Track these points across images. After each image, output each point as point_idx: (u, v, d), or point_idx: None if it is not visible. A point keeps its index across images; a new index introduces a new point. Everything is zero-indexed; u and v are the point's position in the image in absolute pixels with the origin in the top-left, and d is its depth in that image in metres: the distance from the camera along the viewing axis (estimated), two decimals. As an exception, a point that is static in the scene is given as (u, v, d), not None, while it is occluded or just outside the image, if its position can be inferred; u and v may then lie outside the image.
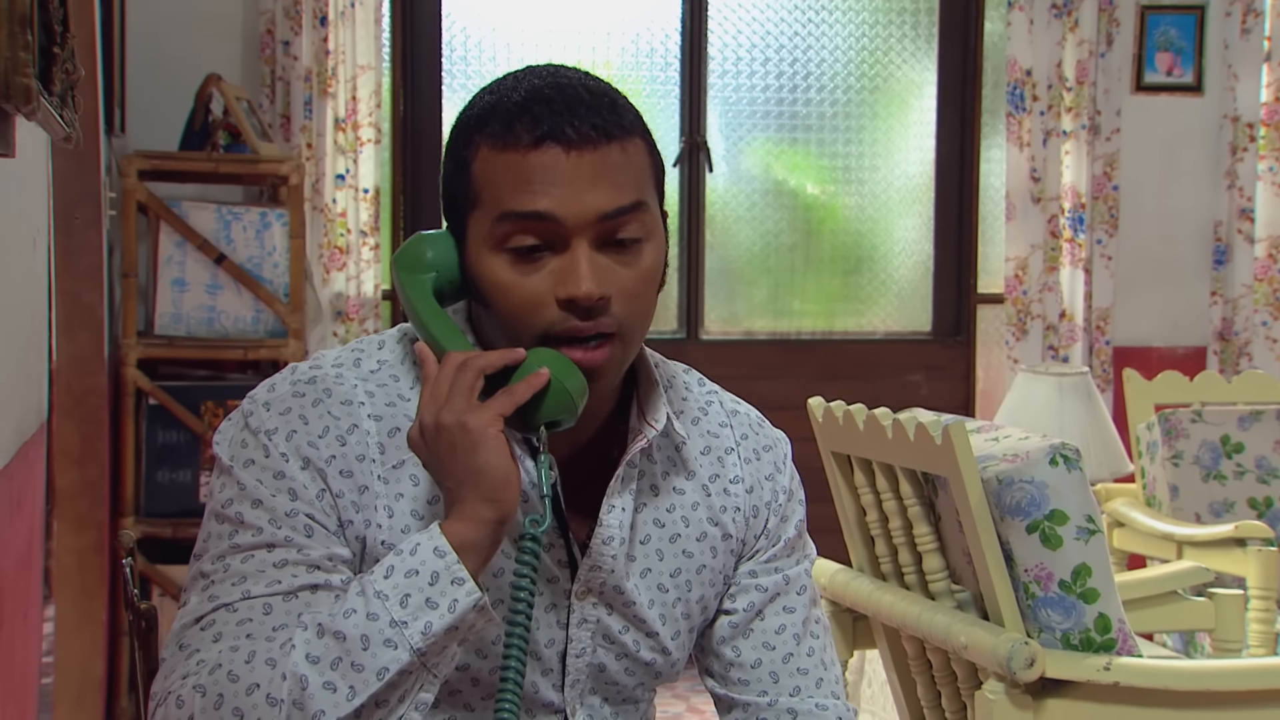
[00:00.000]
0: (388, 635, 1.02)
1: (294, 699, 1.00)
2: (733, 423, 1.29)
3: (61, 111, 1.25)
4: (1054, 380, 3.12)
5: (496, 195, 1.11)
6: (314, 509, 1.10)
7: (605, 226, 1.11)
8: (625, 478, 1.19)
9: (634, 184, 1.13)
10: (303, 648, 1.02)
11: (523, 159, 1.10)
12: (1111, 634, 1.89)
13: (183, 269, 3.29)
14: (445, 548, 1.04)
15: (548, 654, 1.19)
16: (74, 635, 2.93)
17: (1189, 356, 4.25)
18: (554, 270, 1.11)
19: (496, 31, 3.93)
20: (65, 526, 2.91)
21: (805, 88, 4.10)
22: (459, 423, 1.07)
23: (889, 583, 2.14)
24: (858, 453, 2.13)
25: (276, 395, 1.14)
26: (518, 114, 1.11)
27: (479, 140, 1.13)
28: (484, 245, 1.12)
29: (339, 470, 1.11)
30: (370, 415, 1.14)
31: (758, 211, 4.12)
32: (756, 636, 1.26)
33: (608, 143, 1.11)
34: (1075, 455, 1.90)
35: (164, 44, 3.63)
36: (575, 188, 1.10)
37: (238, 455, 1.12)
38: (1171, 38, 4.18)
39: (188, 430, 3.26)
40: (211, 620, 1.07)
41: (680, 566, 1.23)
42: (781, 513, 1.29)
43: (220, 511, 1.11)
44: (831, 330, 4.17)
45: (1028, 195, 4.04)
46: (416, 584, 1.03)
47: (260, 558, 1.08)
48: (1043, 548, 1.88)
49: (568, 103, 1.11)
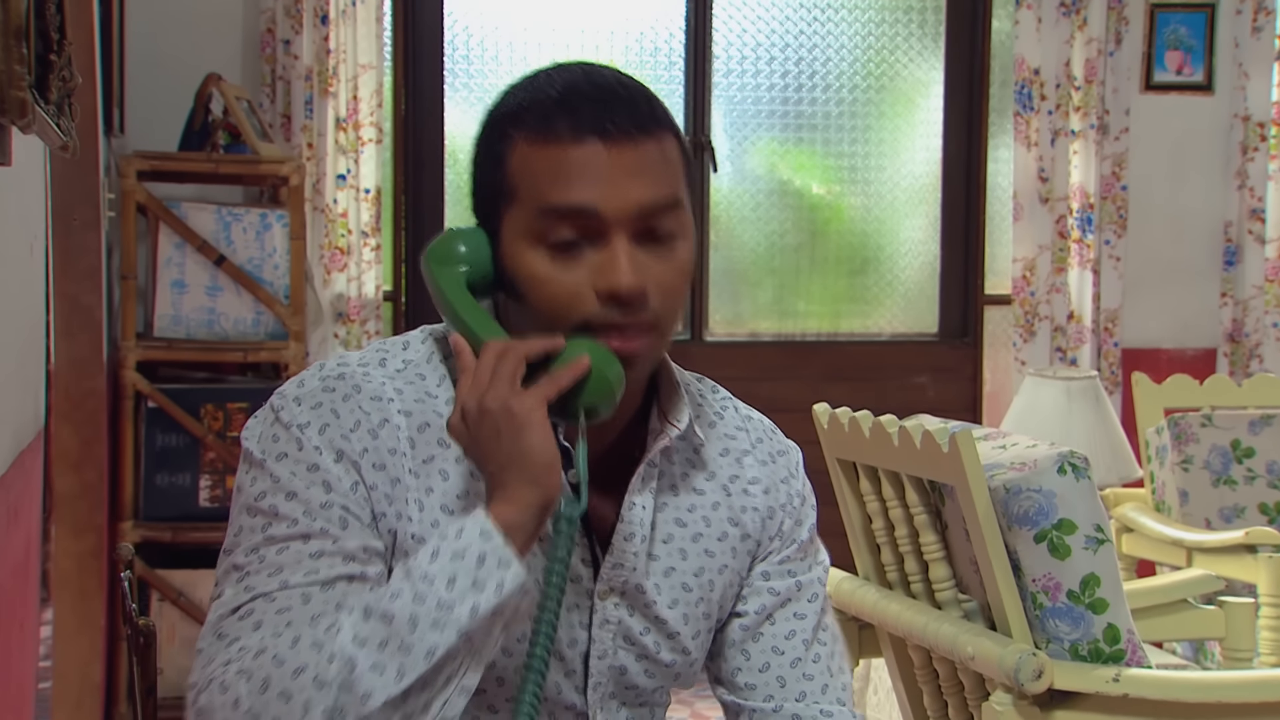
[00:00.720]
0: (435, 617, 1.02)
1: (342, 680, 1.00)
2: (748, 427, 1.32)
3: (58, 120, 1.24)
4: (1062, 384, 3.11)
5: (535, 190, 1.12)
6: (349, 501, 1.11)
7: (644, 221, 1.12)
8: (646, 476, 1.21)
9: (670, 180, 1.15)
10: (350, 629, 1.02)
11: (563, 153, 1.11)
12: (1120, 645, 1.88)
13: (182, 270, 3.29)
14: (491, 530, 1.05)
15: (570, 655, 1.20)
16: (72, 640, 2.93)
17: (1198, 358, 4.24)
18: (593, 264, 1.12)
19: (499, 30, 3.93)
20: (64, 530, 2.91)
21: (810, 87, 4.09)
22: (504, 407, 1.08)
23: (895, 591, 2.14)
24: (863, 460, 2.12)
25: (306, 390, 1.15)
26: (556, 108, 1.12)
27: (515, 135, 1.14)
28: (522, 239, 1.13)
29: (372, 463, 1.12)
30: (400, 410, 1.15)
31: (762, 212, 4.11)
32: (765, 641, 1.27)
33: (646, 137, 1.13)
34: (1083, 464, 1.89)
35: (163, 43, 3.62)
36: (615, 182, 1.11)
37: (269, 449, 1.13)
38: (1181, 36, 4.17)
39: (187, 433, 3.25)
40: (250, 609, 1.07)
41: (704, 566, 1.25)
42: (796, 516, 1.31)
43: (253, 505, 1.12)
44: (837, 332, 4.16)
45: (1035, 195, 4.03)
46: (463, 566, 1.04)
47: (296, 549, 1.09)
48: (1051, 557, 1.88)
49: (605, 98, 1.12)
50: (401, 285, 3.86)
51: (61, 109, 1.25)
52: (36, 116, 1.08)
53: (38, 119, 1.10)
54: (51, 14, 1.26)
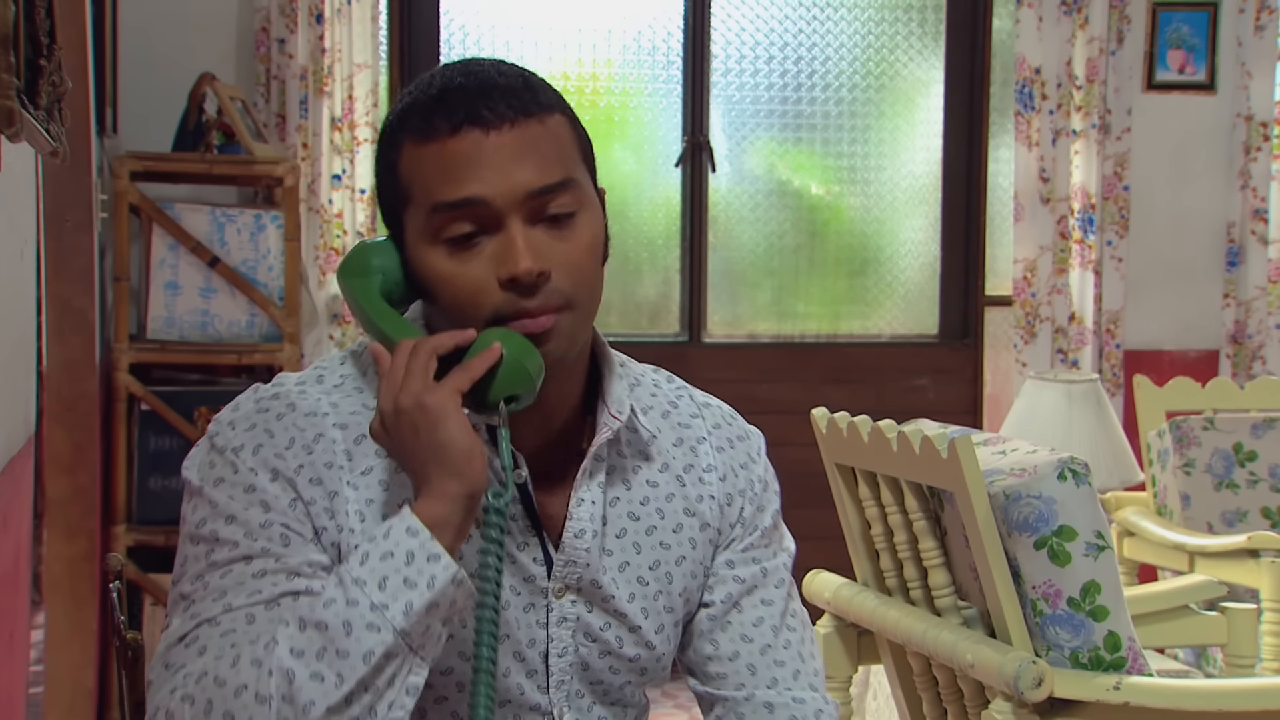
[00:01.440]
0: (369, 619, 1.03)
1: (283, 693, 1.01)
2: (704, 414, 1.32)
3: (48, 125, 1.24)
4: (1063, 388, 3.11)
5: (425, 188, 1.14)
6: (288, 518, 1.12)
7: (536, 203, 1.13)
8: (592, 471, 1.22)
9: (559, 159, 1.15)
10: (286, 643, 1.03)
11: (443, 148, 1.13)
12: (1121, 652, 1.88)
13: (176, 272, 3.28)
14: (417, 526, 1.06)
15: (530, 654, 1.20)
16: (64, 646, 2.92)
17: (1201, 360, 4.24)
18: (492, 254, 1.13)
19: (495, 29, 3.92)
20: (56, 534, 2.91)
21: (810, 86, 4.09)
22: (417, 403, 1.09)
23: (894, 598, 2.14)
24: (862, 465, 2.12)
25: (240, 414, 1.16)
26: (434, 106, 1.14)
27: (402, 138, 1.16)
28: (421, 240, 1.15)
29: (308, 479, 1.13)
30: (335, 424, 1.16)
31: (761, 212, 4.11)
32: (734, 629, 1.28)
33: (525, 119, 1.14)
34: (1084, 470, 1.89)
35: (157, 42, 3.62)
36: (499, 168, 1.12)
37: (206, 476, 1.14)
38: (1184, 35, 4.17)
39: (180, 436, 3.25)
40: (195, 636, 1.08)
41: (659, 559, 1.25)
42: (757, 501, 1.31)
43: (195, 533, 1.13)
44: (836, 333, 4.16)
45: (1036, 196, 4.03)
46: (393, 565, 1.04)
47: (239, 571, 1.10)
48: (1051, 564, 1.88)
49: (481, 87, 1.14)
50: (397, 286, 3.86)
51: (51, 114, 1.25)
52: (25, 124, 1.08)
53: (26, 126, 1.10)
54: (41, 18, 1.26)
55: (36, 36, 1.23)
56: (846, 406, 2.86)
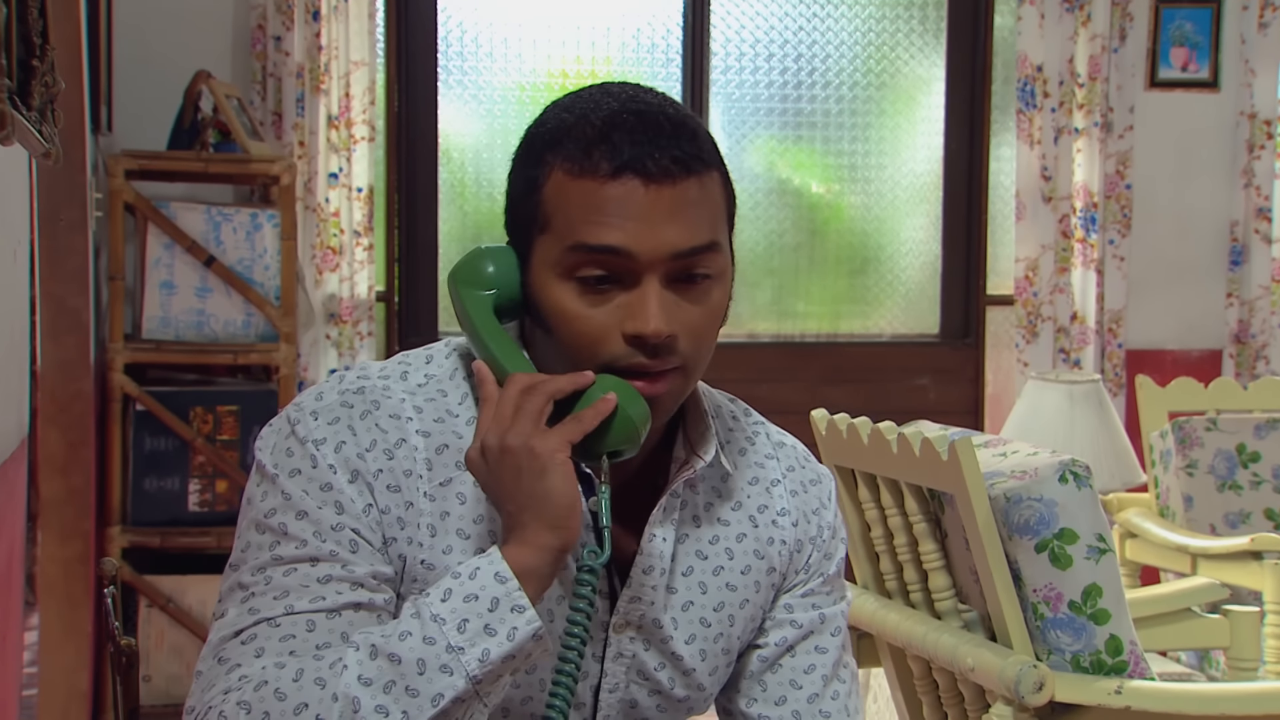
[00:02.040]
0: (444, 661, 1.01)
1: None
2: (779, 454, 1.29)
3: (41, 127, 1.24)
4: (1064, 388, 3.11)
5: (568, 223, 1.10)
6: (360, 524, 1.10)
7: (678, 265, 1.11)
8: (668, 507, 1.19)
9: (709, 222, 1.13)
10: (355, 669, 1.01)
11: (599, 188, 1.09)
12: (1123, 656, 1.88)
13: (171, 271, 3.28)
14: (507, 574, 1.04)
15: (581, 687, 1.18)
16: (58, 648, 2.92)
17: (1204, 360, 4.24)
18: (622, 305, 1.10)
19: (494, 27, 3.92)
20: (50, 536, 2.91)
21: (810, 84, 4.08)
22: (526, 446, 1.06)
23: (894, 600, 2.14)
24: (862, 467, 2.12)
25: (324, 404, 1.14)
26: (596, 140, 1.10)
27: (552, 161, 1.12)
28: (551, 270, 1.12)
29: (386, 485, 1.11)
30: (418, 431, 1.13)
31: (761, 211, 4.11)
32: (784, 673, 1.25)
33: (687, 177, 1.11)
34: (1085, 472, 1.89)
35: (152, 40, 3.62)
36: (651, 223, 1.09)
37: (283, 464, 1.12)
38: (1187, 32, 4.16)
39: (176, 437, 3.25)
40: (253, 634, 1.06)
41: (724, 600, 1.22)
42: (825, 549, 1.29)
43: (262, 521, 1.10)
44: (837, 333, 4.16)
45: (1038, 194, 4.03)
46: (475, 609, 1.03)
47: (304, 571, 1.08)
48: (1052, 567, 1.88)
49: (648, 132, 1.10)
50: (395, 285, 3.86)
51: (44, 115, 1.25)
52: (17, 126, 1.08)
53: (18, 128, 1.10)
54: (34, 18, 1.26)
55: (29, 36, 1.23)
56: (847, 407, 2.86)
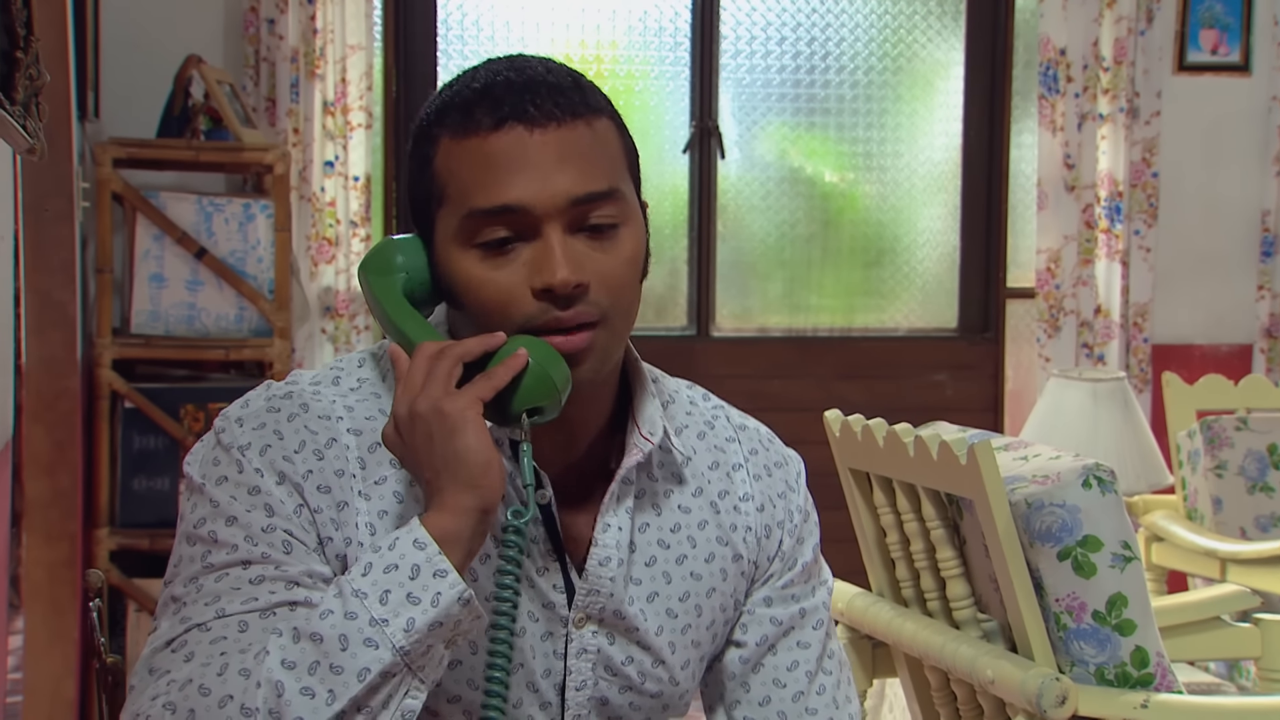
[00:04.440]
0: (368, 634, 1.02)
1: (270, 707, 1.00)
2: (740, 437, 1.30)
3: (25, 121, 1.23)
4: (1088, 386, 3.10)
5: (461, 190, 1.12)
6: (291, 525, 1.10)
7: (577, 211, 1.12)
8: (620, 495, 1.19)
9: (606, 167, 1.14)
10: (278, 653, 1.01)
11: (484, 143, 1.11)
12: (1149, 668, 1.87)
13: (161, 264, 3.28)
14: (425, 539, 1.04)
15: (545, 685, 1.18)
16: (44, 654, 2.92)
17: (1233, 355, 4.23)
18: (527, 260, 1.12)
19: (495, 9, 3.92)
20: (35, 539, 2.91)
21: (824, 69, 4.08)
22: (435, 408, 1.07)
23: (910, 609, 2.13)
24: (877, 470, 2.11)
25: (250, 411, 1.15)
26: (477, 100, 1.13)
27: (439, 134, 1.14)
28: (452, 243, 1.13)
29: (316, 485, 1.11)
30: (350, 429, 1.14)
31: (773, 201, 4.10)
32: (766, 672, 1.26)
33: (573, 120, 1.12)
34: (1110, 477, 1.88)
35: (141, 23, 3.61)
36: (542, 170, 1.10)
37: (209, 473, 1.13)
38: (1217, 14, 4.15)
39: (166, 435, 3.25)
40: (184, 641, 1.07)
41: (689, 590, 1.23)
42: (797, 534, 1.29)
43: (192, 533, 1.11)
44: (851, 327, 4.15)
45: (1061, 183, 4.02)
46: (396, 579, 1.03)
47: (235, 575, 1.08)
48: (1075, 576, 1.87)
49: (528, 83, 1.12)
50: (392, 278, 3.85)
51: (28, 109, 1.25)
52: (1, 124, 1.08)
53: (2, 125, 1.09)
54: (18, 8, 1.25)
55: (13, 28, 1.23)
56: (861, 403, 2.86)
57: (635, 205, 1.18)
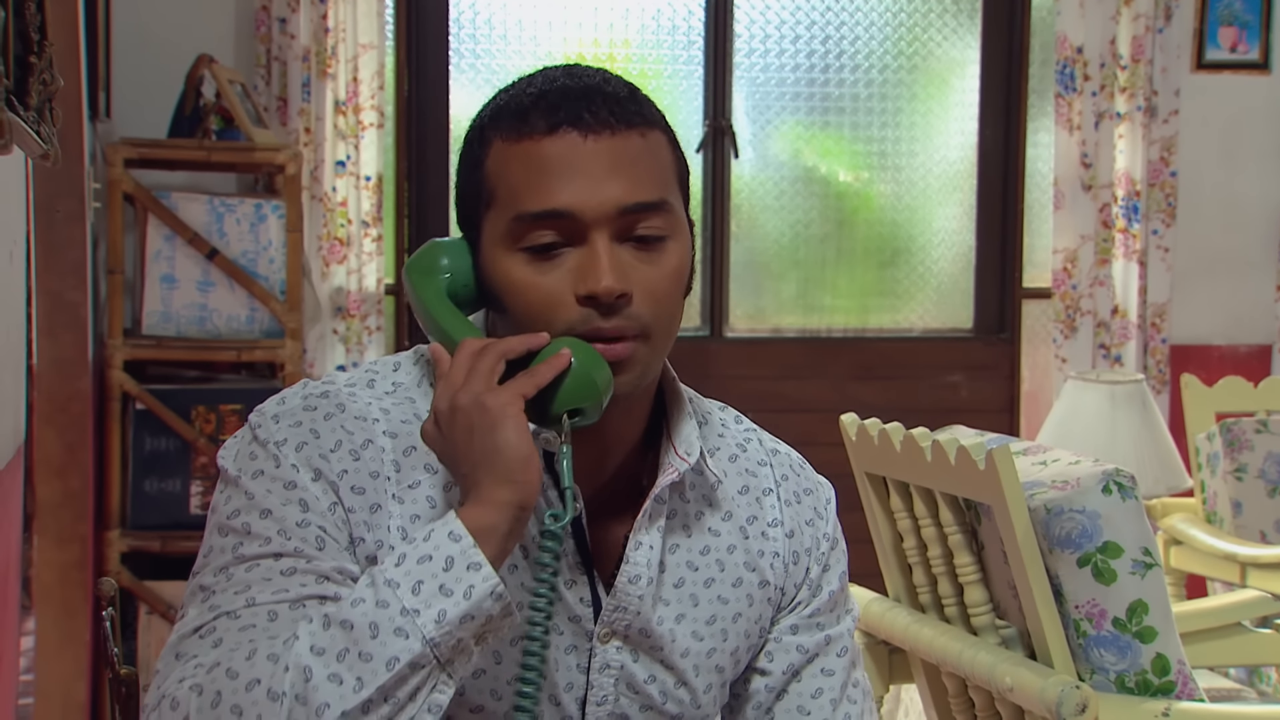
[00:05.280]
0: (398, 624, 1.01)
1: (296, 692, 1.00)
2: (773, 462, 1.29)
3: (39, 127, 1.23)
4: (1105, 388, 3.09)
5: (511, 192, 1.12)
6: (326, 522, 1.10)
7: (626, 220, 1.12)
8: (653, 513, 1.19)
9: (656, 178, 1.14)
10: (307, 639, 1.01)
11: (537, 146, 1.12)
12: (1170, 676, 1.87)
13: (172, 264, 3.29)
14: (460, 532, 1.04)
15: (566, 699, 1.18)
16: (55, 657, 2.93)
17: (1253, 356, 4.21)
18: (573, 267, 1.12)
19: (507, 7, 3.91)
20: (46, 541, 2.92)
21: (838, 67, 4.07)
22: (476, 402, 1.07)
23: (928, 615, 2.13)
24: (894, 475, 2.11)
25: (287, 409, 1.15)
26: (532, 105, 1.13)
27: (492, 135, 1.15)
28: (499, 245, 1.14)
29: (351, 486, 1.12)
30: (385, 432, 1.15)
31: (786, 200, 4.09)
32: (791, 700, 1.26)
33: (627, 129, 1.13)
34: (1130, 483, 1.88)
35: (152, 23, 3.62)
36: (593, 177, 1.11)
37: (245, 467, 1.13)
38: (1236, 11, 4.13)
39: (177, 437, 3.25)
40: (212, 628, 1.07)
41: (715, 614, 1.23)
42: (824, 561, 1.29)
43: (225, 524, 1.12)
44: (865, 327, 4.14)
45: (1078, 182, 4.01)
46: (429, 570, 1.03)
47: (267, 566, 1.09)
48: (1095, 582, 1.86)
49: (585, 90, 1.14)
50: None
51: (42, 115, 1.25)
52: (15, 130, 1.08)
53: (16, 131, 1.09)
54: (31, 13, 1.25)
55: (26, 33, 1.23)
56: (875, 405, 2.85)
57: (683, 220, 1.18)
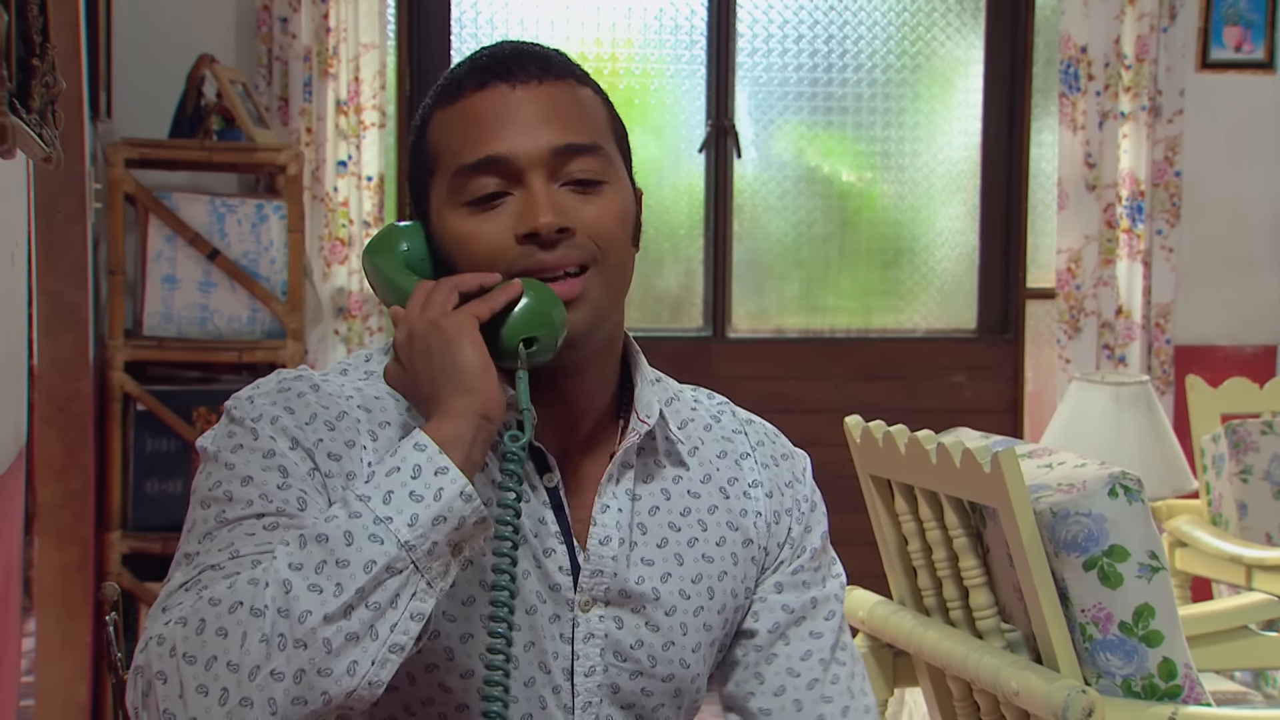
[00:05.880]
0: (372, 531, 1.04)
1: (278, 605, 1.01)
2: (747, 430, 1.33)
3: (41, 130, 1.23)
4: (1110, 390, 3.09)
5: (450, 151, 1.17)
6: (305, 485, 1.13)
7: (560, 161, 1.17)
8: (618, 476, 1.23)
9: (589, 125, 1.19)
10: (284, 558, 1.03)
11: (469, 103, 1.17)
12: (1177, 680, 1.86)
13: (173, 265, 3.28)
14: (425, 441, 1.07)
15: (555, 668, 1.20)
16: (56, 659, 2.93)
17: (1258, 356, 4.21)
18: (513, 211, 1.16)
19: (509, 7, 3.91)
20: (47, 542, 2.92)
21: (841, 67, 4.06)
22: (432, 324, 1.12)
23: (933, 618, 2.12)
24: (899, 478, 2.11)
25: (261, 390, 1.19)
26: (466, 73, 1.20)
27: (431, 109, 1.21)
28: (445, 206, 1.18)
29: (327, 453, 1.15)
30: (360, 406, 1.18)
31: (789, 200, 4.09)
32: (780, 662, 1.28)
33: (555, 80, 1.18)
34: (1136, 485, 1.87)
35: (153, 22, 3.62)
36: (524, 122, 1.16)
37: (224, 444, 1.16)
38: (1240, 10, 4.13)
39: (178, 438, 3.25)
40: (197, 580, 1.08)
41: (701, 572, 1.25)
42: (805, 521, 1.32)
43: (206, 495, 1.14)
44: (868, 328, 4.14)
45: (1082, 182, 4.00)
46: (399, 480, 1.05)
47: (250, 524, 1.11)
48: (1101, 586, 1.86)
49: (514, 51, 1.20)
50: (405, 278, 3.86)
51: (44, 117, 1.25)
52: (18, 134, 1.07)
53: (19, 135, 1.09)
54: (34, 15, 1.25)
55: (29, 34, 1.22)
56: (879, 405, 2.85)
57: (623, 171, 1.22)
